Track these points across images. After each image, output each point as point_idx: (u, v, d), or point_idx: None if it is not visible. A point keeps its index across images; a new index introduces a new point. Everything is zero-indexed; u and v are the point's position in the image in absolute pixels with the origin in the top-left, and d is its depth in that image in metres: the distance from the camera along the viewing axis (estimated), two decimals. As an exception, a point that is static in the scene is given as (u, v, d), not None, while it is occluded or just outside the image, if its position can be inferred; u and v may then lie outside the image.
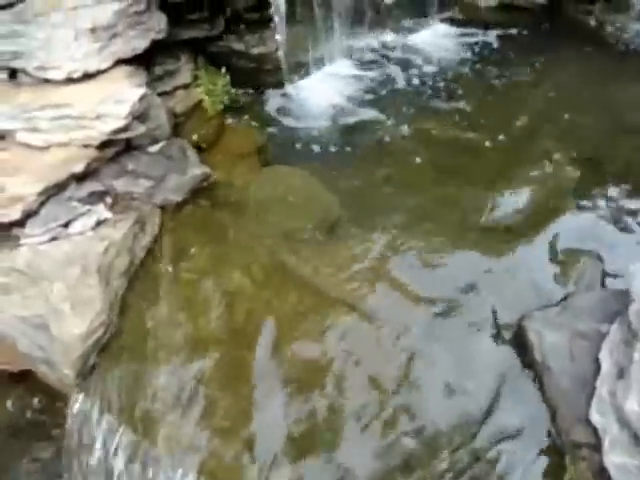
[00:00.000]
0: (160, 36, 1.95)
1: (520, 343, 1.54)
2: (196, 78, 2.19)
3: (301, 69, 2.40)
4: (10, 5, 1.71)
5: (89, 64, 1.78)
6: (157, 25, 1.94)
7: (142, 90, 1.80)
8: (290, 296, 1.67)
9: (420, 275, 1.72)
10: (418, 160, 2.14)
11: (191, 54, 2.18)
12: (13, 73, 1.78)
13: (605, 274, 1.73)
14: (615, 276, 1.70)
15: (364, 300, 1.63)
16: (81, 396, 1.47)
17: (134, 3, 1.85)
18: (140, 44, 1.89)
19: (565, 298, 1.63)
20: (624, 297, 1.56)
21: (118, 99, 1.75)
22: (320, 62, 2.44)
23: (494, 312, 1.63)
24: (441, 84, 2.46)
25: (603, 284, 1.72)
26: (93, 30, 1.76)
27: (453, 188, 2.08)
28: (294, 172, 1.95)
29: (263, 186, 1.91)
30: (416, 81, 2.47)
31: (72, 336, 1.45)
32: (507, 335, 1.58)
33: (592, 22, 2.84)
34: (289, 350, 1.54)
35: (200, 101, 2.18)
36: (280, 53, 2.30)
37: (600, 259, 1.76)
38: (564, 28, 2.82)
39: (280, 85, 2.36)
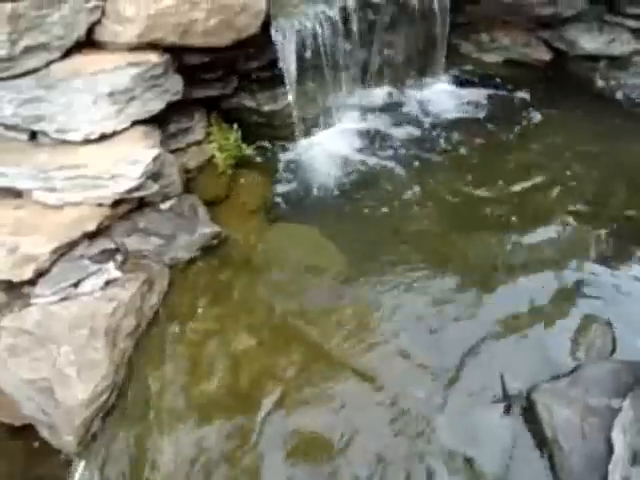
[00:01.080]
0: (176, 98, 2.02)
1: (529, 416, 1.51)
2: (209, 134, 2.25)
3: (310, 124, 2.46)
4: (35, 70, 1.79)
5: (106, 126, 1.84)
6: (173, 87, 2.01)
7: (156, 151, 1.85)
8: (296, 359, 1.66)
9: (427, 340, 1.70)
10: (425, 215, 2.16)
11: (205, 111, 2.25)
12: (33, 134, 1.85)
13: (616, 342, 1.71)
14: (627, 345, 1.68)
15: (370, 366, 1.62)
16: (82, 464, 1.45)
17: (152, 68, 1.92)
18: (156, 106, 1.96)
19: (575, 368, 1.61)
20: (636, 369, 1.54)
21: (132, 160, 1.80)
22: (329, 117, 2.51)
23: (502, 381, 1.60)
24: (448, 139, 2.50)
25: (614, 353, 1.70)
26: (111, 94, 1.83)
27: (460, 244, 2.10)
28: (302, 230, 1.98)
29: (271, 245, 1.93)
30: (422, 136, 2.52)
31: (76, 401, 1.44)
32: (515, 406, 1.55)
33: (596, 79, 2.90)
34: (293, 417, 1.52)
35: (212, 156, 2.23)
36: (290, 109, 2.37)
37: (611, 326, 1.75)
38: (569, 84, 2.88)
39: (290, 140, 2.42)
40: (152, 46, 1.95)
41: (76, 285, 1.66)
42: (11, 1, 1.69)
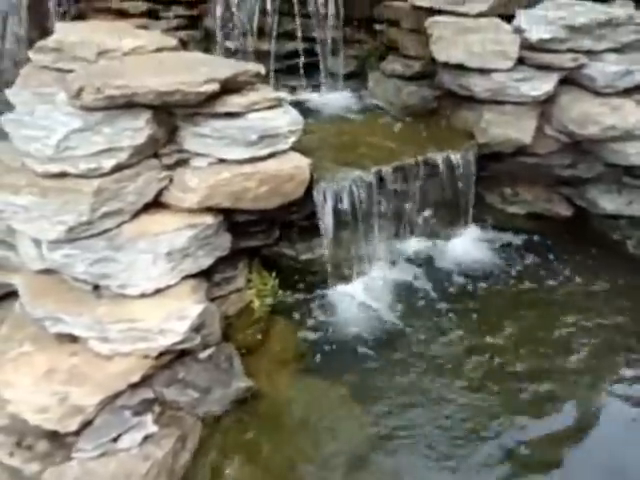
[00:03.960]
0: (224, 253, 2.25)
1: None
2: (249, 280, 2.44)
3: (344, 274, 2.64)
4: (106, 231, 2.05)
5: (161, 282, 2.05)
6: (222, 244, 2.25)
7: (202, 306, 2.03)
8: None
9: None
10: (453, 372, 2.22)
11: (247, 260, 2.47)
12: (96, 285, 2.07)
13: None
14: None
15: None
16: None
17: (206, 228, 2.17)
18: (206, 262, 2.18)
19: None
20: None
21: (180, 315, 1.97)
22: (362, 267, 2.69)
23: None
24: (472, 293, 2.63)
25: None
26: (169, 254, 2.06)
27: (485, 404, 2.12)
28: (331, 389, 2.06)
29: (299, 404, 2.01)
30: (451, 288, 2.66)
31: None
32: None
33: (618, 237, 3.04)
34: None
35: (250, 302, 2.41)
36: (325, 259, 2.57)
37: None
38: (591, 240, 3.03)
39: (324, 288, 2.59)
40: (208, 209, 2.22)
41: (115, 439, 1.76)
42: (99, 177, 2.00)
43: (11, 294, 2.48)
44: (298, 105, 3.28)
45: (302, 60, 3.51)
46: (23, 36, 3.41)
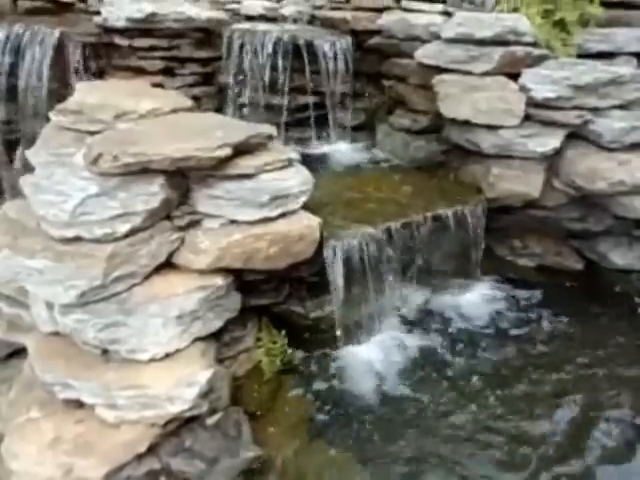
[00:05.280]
0: (233, 315, 2.24)
1: None
2: (258, 339, 2.42)
3: (353, 331, 2.62)
4: (117, 294, 2.07)
5: (171, 346, 2.04)
6: (232, 306, 2.24)
7: (211, 371, 2.01)
8: None
9: None
10: (466, 440, 2.15)
11: (256, 319, 2.46)
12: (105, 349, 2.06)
13: None
14: None
15: None
16: None
17: (217, 290, 2.17)
18: (216, 324, 2.17)
19: None
20: None
21: (188, 382, 1.95)
22: (370, 325, 2.67)
23: None
24: (484, 355, 2.58)
25: None
26: (179, 317, 2.06)
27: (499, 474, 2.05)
28: (340, 456, 2.01)
29: (309, 472, 1.95)
30: (461, 348, 2.61)
31: None
32: None
33: (631, 292, 3.00)
34: None
35: (259, 361, 2.38)
36: (334, 317, 2.55)
37: None
38: (603, 295, 2.99)
39: (334, 347, 2.56)
40: (218, 270, 2.23)
41: (120, 515, 1.72)
42: (113, 241, 2.03)
43: (20, 351, 2.49)
44: (307, 157, 3.36)
45: (312, 113, 3.62)
46: (44, 89, 3.55)
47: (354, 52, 3.56)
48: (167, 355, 2.04)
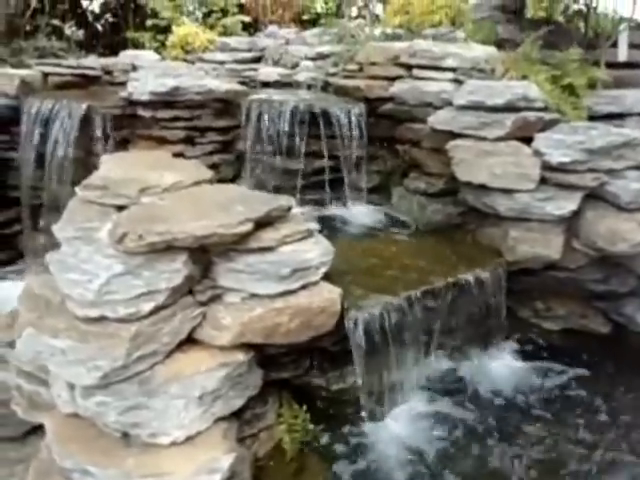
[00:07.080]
0: (255, 392, 2.20)
1: None
2: (279, 415, 2.36)
3: (376, 403, 2.54)
4: (138, 373, 2.04)
5: (192, 429, 1.99)
6: (254, 382, 2.20)
7: (233, 455, 1.94)
8: None
9: None
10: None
11: (277, 394, 2.41)
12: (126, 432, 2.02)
13: None
14: None
15: None
16: None
17: (238, 367, 2.14)
18: (237, 403, 2.12)
19: None
20: None
21: (210, 468, 1.89)
22: (394, 396, 2.59)
23: None
24: (512, 426, 2.48)
25: None
26: (201, 397, 2.02)
27: None
28: None
29: None
30: (488, 421, 2.51)
31: None
32: None
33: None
34: None
35: (280, 439, 2.31)
36: (357, 388, 2.48)
37: None
38: (632, 360, 2.88)
39: (357, 420, 2.48)
40: (240, 345, 2.21)
41: None
42: (136, 320, 2.04)
43: (36, 428, 2.45)
44: (324, 219, 3.40)
45: (327, 177, 3.69)
46: (70, 158, 3.70)
47: (368, 118, 3.67)
48: (188, 438, 1.99)
